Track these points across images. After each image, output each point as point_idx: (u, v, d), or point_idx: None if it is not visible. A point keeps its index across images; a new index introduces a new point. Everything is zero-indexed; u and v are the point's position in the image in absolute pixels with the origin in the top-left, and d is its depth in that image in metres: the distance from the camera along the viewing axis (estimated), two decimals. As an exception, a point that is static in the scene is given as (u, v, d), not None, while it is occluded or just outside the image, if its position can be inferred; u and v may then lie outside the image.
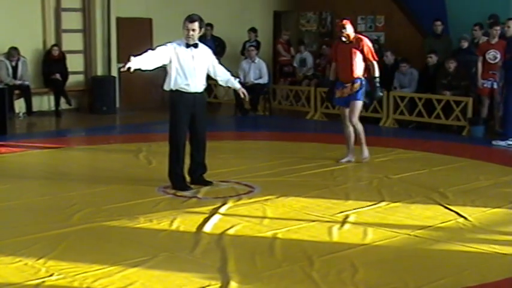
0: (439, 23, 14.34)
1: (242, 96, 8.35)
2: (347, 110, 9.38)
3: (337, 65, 9.46)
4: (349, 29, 9.25)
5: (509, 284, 5.05)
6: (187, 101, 7.78)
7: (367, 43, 9.33)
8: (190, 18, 7.72)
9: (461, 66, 13.03)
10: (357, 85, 9.21)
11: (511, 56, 11.08)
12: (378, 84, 9.38)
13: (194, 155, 8.07)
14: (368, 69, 9.30)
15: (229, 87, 8.59)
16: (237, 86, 8.32)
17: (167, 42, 7.86)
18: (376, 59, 9.43)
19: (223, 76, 8.18)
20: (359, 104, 9.36)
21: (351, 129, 9.45)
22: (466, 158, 10.09)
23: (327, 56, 16.28)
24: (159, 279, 5.04)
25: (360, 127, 9.42)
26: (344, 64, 9.28)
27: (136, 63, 7.43)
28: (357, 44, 9.22)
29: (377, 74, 9.33)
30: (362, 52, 9.21)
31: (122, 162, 9.60)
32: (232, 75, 8.37)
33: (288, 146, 10.75)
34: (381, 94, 9.72)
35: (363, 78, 9.27)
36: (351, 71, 9.19)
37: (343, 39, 9.24)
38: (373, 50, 9.38)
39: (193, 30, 7.70)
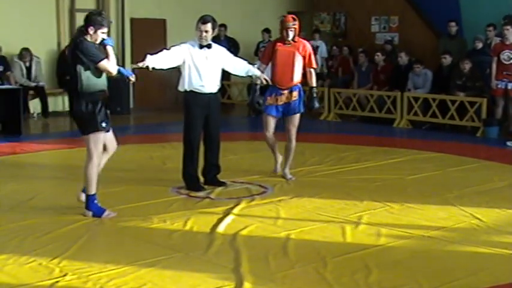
0: (453, 23, 14.30)
1: (265, 82, 8.20)
2: (274, 121, 8.46)
3: (274, 68, 8.32)
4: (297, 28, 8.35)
5: (523, 286, 5.03)
6: (202, 101, 7.78)
7: (310, 49, 8.50)
8: (203, 20, 7.72)
9: (476, 67, 13.00)
10: (295, 93, 8.35)
11: None
12: (315, 95, 8.63)
13: (208, 155, 8.08)
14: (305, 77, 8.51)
15: (250, 76, 8.46)
16: (257, 72, 8.22)
17: (181, 43, 7.87)
18: (316, 66, 8.63)
19: (243, 68, 8.18)
20: (299, 116, 8.53)
21: (274, 138, 8.55)
22: (480, 159, 10.06)
23: (338, 57, 16.32)
24: (173, 279, 5.04)
25: (294, 143, 8.56)
26: (284, 68, 8.26)
27: (152, 61, 7.46)
28: (301, 48, 8.34)
29: (314, 83, 8.57)
30: (304, 58, 8.35)
31: (136, 162, 9.62)
32: (250, 63, 8.35)
33: (301, 146, 10.71)
34: (317, 105, 8.77)
35: (301, 86, 8.46)
36: (292, 76, 8.28)
37: (289, 38, 8.22)
38: (313, 57, 8.55)
39: (206, 31, 7.70)
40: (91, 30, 6.58)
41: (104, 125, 6.70)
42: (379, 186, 8.20)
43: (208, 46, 7.80)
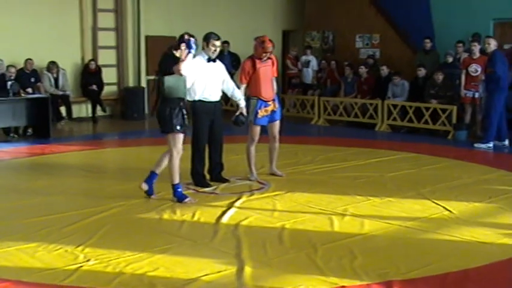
0: (428, 40, 14.33)
1: (238, 113, 8.02)
2: (258, 129, 8.21)
3: (258, 85, 8.07)
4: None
5: (488, 269, 5.03)
6: (208, 109, 7.77)
7: (276, 60, 8.37)
8: (217, 37, 7.70)
9: (447, 78, 13.03)
10: (276, 103, 8.26)
11: (491, 70, 11.04)
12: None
13: (213, 155, 8.07)
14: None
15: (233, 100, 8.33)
16: (241, 104, 7.97)
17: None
18: (276, 75, 8.39)
19: (231, 89, 8.01)
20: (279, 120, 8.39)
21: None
22: (451, 158, 10.05)
23: (327, 70, 16.31)
24: (183, 264, 5.05)
25: (278, 143, 8.45)
26: (266, 83, 8.12)
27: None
28: (272, 61, 8.22)
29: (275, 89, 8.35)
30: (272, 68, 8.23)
31: (150, 162, 9.56)
32: (245, 96, 8.15)
33: (294, 148, 10.74)
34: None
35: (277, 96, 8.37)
36: (272, 89, 8.21)
37: (267, 55, 8.07)
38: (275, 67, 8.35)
39: (218, 46, 7.72)
40: (182, 47, 6.90)
41: (178, 128, 6.89)
42: (363, 183, 8.20)
43: (214, 60, 7.79)
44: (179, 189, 7.09)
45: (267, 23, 18.11)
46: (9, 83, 12.32)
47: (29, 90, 13.19)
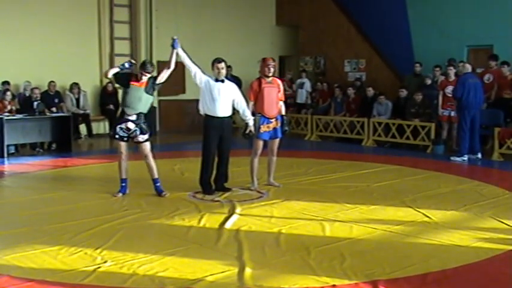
0: (417, 64, 14.28)
1: (247, 131, 8.01)
2: (261, 143, 8.16)
3: (262, 103, 8.03)
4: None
5: (464, 269, 5.01)
6: (216, 123, 7.77)
7: (282, 86, 8.36)
8: (218, 60, 7.84)
9: (426, 98, 13.05)
10: (278, 121, 8.19)
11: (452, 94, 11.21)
12: (285, 121, 8.32)
13: (219, 167, 8.04)
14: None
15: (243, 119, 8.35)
16: (250, 122, 7.94)
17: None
18: (283, 99, 8.32)
19: (241, 108, 8.02)
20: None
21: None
22: (430, 170, 10.04)
23: (319, 91, 16.34)
24: (189, 265, 5.02)
25: (276, 158, 8.45)
26: (272, 101, 8.06)
27: (181, 51, 7.86)
28: (277, 84, 8.21)
29: (284, 112, 8.28)
30: (279, 92, 8.18)
31: (161, 173, 9.57)
32: (252, 114, 8.10)
33: (290, 161, 10.73)
34: (287, 129, 8.44)
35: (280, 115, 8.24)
36: (276, 108, 8.12)
37: (270, 74, 8.11)
38: (282, 92, 8.30)
39: (222, 68, 7.80)
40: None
41: (116, 136, 7.60)
42: (351, 192, 8.18)
43: (222, 81, 7.82)
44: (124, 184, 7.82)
45: (266, 49, 18.15)
46: (35, 103, 12.36)
47: (53, 109, 13.23)
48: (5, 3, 13.99)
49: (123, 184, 7.92)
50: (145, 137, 7.74)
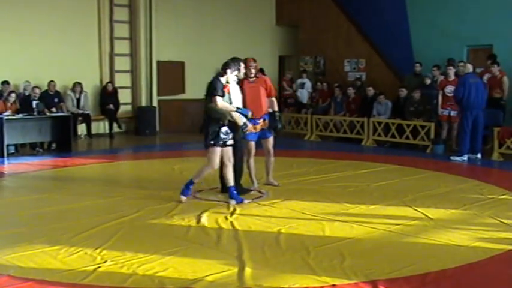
0: (418, 64, 14.27)
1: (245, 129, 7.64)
2: (252, 143, 8.06)
3: (246, 103, 7.75)
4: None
5: (463, 269, 5.01)
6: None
7: (270, 82, 8.19)
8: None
9: (424, 96, 13.06)
10: (266, 121, 8.05)
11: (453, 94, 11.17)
12: (277, 118, 8.14)
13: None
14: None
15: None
16: (238, 121, 7.32)
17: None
18: (276, 95, 8.28)
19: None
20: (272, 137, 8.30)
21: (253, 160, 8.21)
22: (430, 170, 10.04)
23: (319, 90, 16.34)
24: (190, 264, 5.02)
25: (273, 157, 8.39)
26: (255, 101, 7.89)
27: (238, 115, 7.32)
28: (263, 83, 8.05)
29: (276, 108, 8.19)
30: (266, 90, 8.04)
31: (161, 173, 9.61)
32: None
33: (290, 161, 10.74)
34: (280, 126, 8.24)
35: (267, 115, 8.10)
36: (261, 107, 7.96)
37: (252, 75, 7.97)
38: (273, 88, 8.26)
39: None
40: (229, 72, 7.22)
41: (211, 142, 7.09)
42: (351, 192, 8.18)
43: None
44: (191, 186, 7.44)
45: (266, 49, 18.17)
46: (34, 102, 12.35)
47: (53, 109, 13.22)
48: (5, 3, 13.98)
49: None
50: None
